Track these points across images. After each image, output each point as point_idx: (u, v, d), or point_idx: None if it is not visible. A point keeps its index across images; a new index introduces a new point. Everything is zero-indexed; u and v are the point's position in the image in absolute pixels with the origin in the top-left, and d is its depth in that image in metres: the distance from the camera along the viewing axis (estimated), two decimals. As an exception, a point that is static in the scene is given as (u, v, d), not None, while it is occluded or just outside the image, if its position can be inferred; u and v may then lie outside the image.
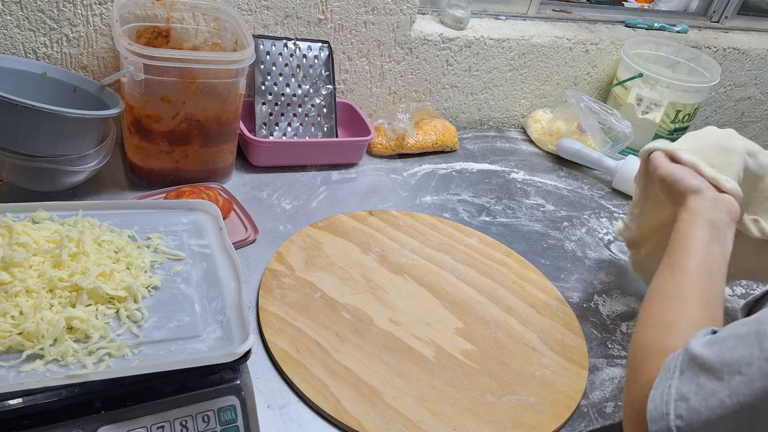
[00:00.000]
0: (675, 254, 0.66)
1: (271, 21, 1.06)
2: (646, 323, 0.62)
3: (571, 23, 1.44)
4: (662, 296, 0.63)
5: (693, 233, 0.66)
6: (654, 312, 0.62)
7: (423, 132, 1.21)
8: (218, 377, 0.58)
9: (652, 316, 0.62)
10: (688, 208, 0.69)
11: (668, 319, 0.60)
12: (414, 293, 0.87)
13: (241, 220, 0.93)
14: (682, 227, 0.68)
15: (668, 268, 0.65)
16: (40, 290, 0.57)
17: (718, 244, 0.66)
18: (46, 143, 0.79)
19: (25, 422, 0.50)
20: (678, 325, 0.58)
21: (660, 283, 0.65)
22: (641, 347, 0.60)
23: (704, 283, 0.62)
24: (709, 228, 0.66)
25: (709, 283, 0.62)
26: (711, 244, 0.65)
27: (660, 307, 0.62)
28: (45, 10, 0.90)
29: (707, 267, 0.63)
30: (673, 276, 0.64)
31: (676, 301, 0.61)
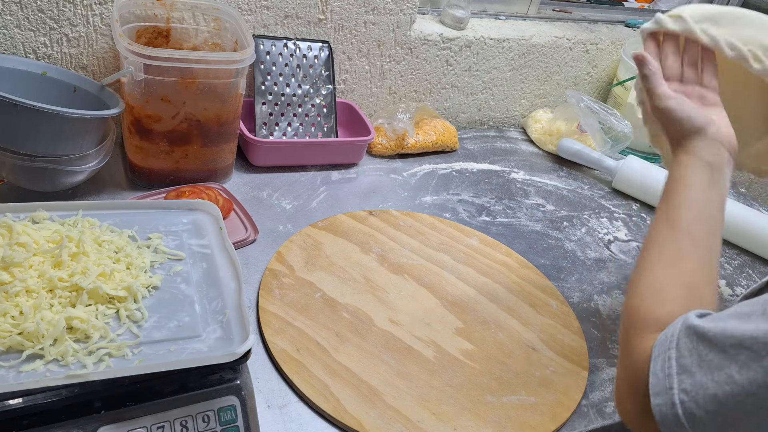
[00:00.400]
0: (671, 203, 0.63)
1: (271, 21, 1.07)
2: (640, 289, 0.58)
3: (571, 23, 1.45)
4: (658, 259, 0.60)
5: (690, 179, 0.63)
6: (648, 277, 0.59)
7: (423, 132, 1.21)
8: (218, 377, 0.57)
9: (646, 281, 0.59)
10: (687, 149, 0.65)
11: (663, 287, 0.57)
12: (414, 293, 0.87)
13: (241, 220, 0.93)
14: (679, 171, 0.64)
15: (664, 220, 0.62)
16: (40, 290, 0.57)
17: (716, 188, 0.63)
18: (46, 143, 0.79)
19: (25, 422, 0.50)
20: (673, 293, 0.56)
21: (655, 237, 0.62)
22: (635, 316, 0.57)
23: (701, 237, 0.59)
24: (708, 171, 0.63)
25: (705, 237, 0.60)
26: (709, 189, 0.62)
27: (655, 272, 0.59)
28: (45, 10, 0.90)
29: (705, 218, 0.61)
30: (669, 230, 0.61)
31: (672, 266, 0.58)
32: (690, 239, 0.60)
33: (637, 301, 0.58)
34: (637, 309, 0.57)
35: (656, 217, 0.64)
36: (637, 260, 0.62)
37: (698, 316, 0.51)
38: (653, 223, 0.64)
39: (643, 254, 0.62)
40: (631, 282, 0.61)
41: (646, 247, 0.62)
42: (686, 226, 0.60)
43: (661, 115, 0.69)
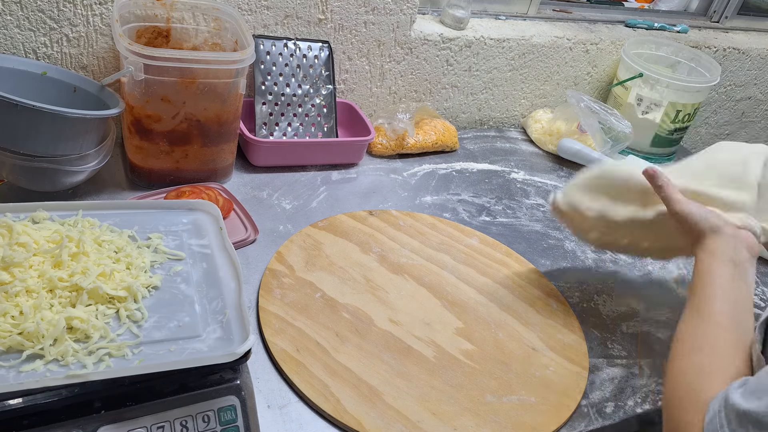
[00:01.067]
0: (699, 297, 0.65)
1: (271, 21, 1.07)
2: (677, 374, 0.61)
3: (571, 23, 1.44)
4: (691, 345, 0.62)
5: (715, 273, 0.66)
6: (685, 362, 0.61)
7: (423, 132, 1.21)
8: (218, 377, 0.58)
9: (683, 366, 0.61)
10: (707, 249, 0.69)
11: (700, 368, 0.59)
12: (414, 293, 0.87)
13: (241, 220, 0.93)
14: (703, 268, 0.67)
15: (694, 314, 0.64)
16: (40, 290, 0.57)
17: (742, 281, 0.65)
18: (46, 143, 0.79)
19: (25, 422, 0.50)
20: (711, 373, 0.58)
21: (687, 330, 0.64)
22: (676, 398, 0.59)
23: (731, 324, 0.61)
24: (731, 266, 0.66)
25: (736, 324, 0.61)
26: (734, 282, 0.65)
27: (691, 357, 0.61)
28: (45, 10, 0.90)
29: (733, 307, 0.63)
30: (700, 322, 0.63)
31: (706, 350, 0.60)
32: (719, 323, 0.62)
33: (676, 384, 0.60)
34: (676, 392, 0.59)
35: (687, 306, 0.66)
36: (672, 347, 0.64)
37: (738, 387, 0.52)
38: (685, 313, 0.66)
39: (675, 345, 0.64)
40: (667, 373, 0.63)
41: (678, 338, 0.64)
42: (714, 312, 0.63)
43: (680, 218, 0.72)
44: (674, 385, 0.60)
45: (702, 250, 0.69)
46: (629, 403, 0.79)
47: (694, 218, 0.71)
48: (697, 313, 0.64)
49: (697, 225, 0.71)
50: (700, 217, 0.71)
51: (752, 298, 0.65)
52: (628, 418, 0.77)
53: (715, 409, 0.53)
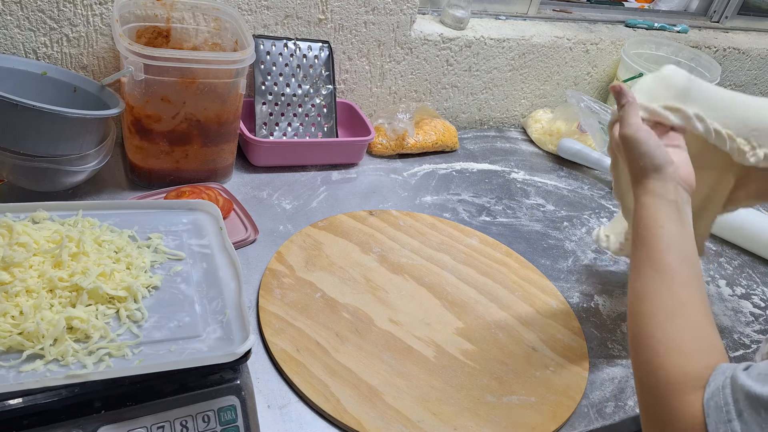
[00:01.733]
0: (650, 247, 0.62)
1: (271, 21, 1.07)
2: (657, 346, 0.56)
3: (571, 23, 1.44)
4: (658, 308, 0.58)
5: (661, 220, 0.63)
6: (659, 331, 0.57)
7: (423, 132, 1.21)
8: (218, 377, 0.58)
9: (659, 336, 0.57)
10: (649, 190, 0.65)
11: (679, 341, 0.56)
12: (414, 293, 0.87)
13: (241, 220, 0.93)
14: (647, 213, 0.64)
15: (650, 267, 0.61)
16: (40, 290, 0.57)
17: (685, 224, 0.63)
18: (46, 143, 0.79)
19: (25, 422, 0.50)
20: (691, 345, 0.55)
21: (649, 289, 0.60)
22: (664, 378, 0.54)
23: (690, 276, 0.59)
24: (675, 209, 0.63)
25: (694, 278, 0.59)
26: (681, 226, 0.63)
27: (664, 325, 0.57)
28: (45, 10, 0.90)
29: (688, 257, 0.61)
30: (660, 279, 0.60)
31: (678, 316, 0.57)
32: (679, 281, 0.59)
33: (659, 360, 0.56)
34: (663, 369, 0.55)
35: (635, 261, 0.63)
36: (632, 311, 0.61)
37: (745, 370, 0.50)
38: (634, 270, 0.63)
39: (639, 306, 0.60)
40: (635, 337, 0.59)
41: (636, 297, 0.61)
42: (675, 270, 0.60)
43: (627, 145, 0.69)
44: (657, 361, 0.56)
45: (643, 191, 0.66)
46: (629, 403, 0.79)
47: (641, 148, 0.67)
48: (653, 268, 0.61)
49: (642, 158, 0.66)
50: (647, 148, 0.66)
51: (692, 236, 0.63)
52: (628, 418, 0.77)
53: (718, 385, 0.50)
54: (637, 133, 0.68)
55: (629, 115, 0.70)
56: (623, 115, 0.70)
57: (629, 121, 0.69)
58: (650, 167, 0.66)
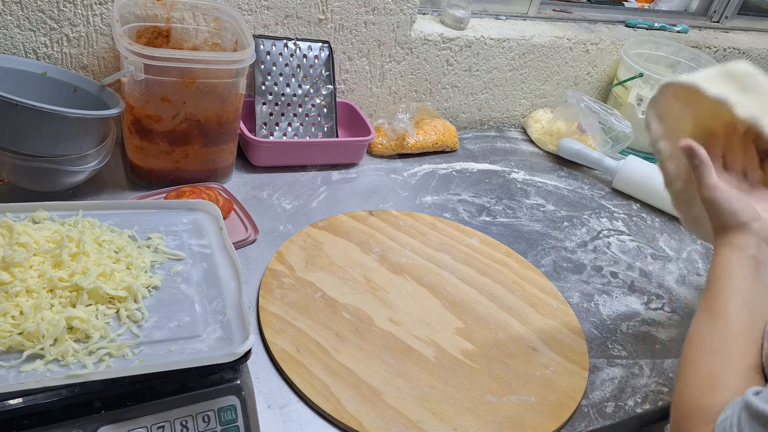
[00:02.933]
0: (714, 295, 0.62)
1: (272, 21, 1.07)
2: (689, 380, 0.58)
3: (571, 23, 1.44)
4: (703, 349, 0.60)
5: (733, 271, 0.63)
6: (696, 368, 0.59)
7: (423, 132, 1.21)
8: (218, 377, 0.58)
9: (694, 372, 0.59)
10: (728, 241, 0.65)
11: (712, 375, 0.57)
12: (414, 293, 0.87)
13: (242, 220, 0.93)
14: (721, 263, 0.64)
15: (707, 312, 0.62)
16: (40, 290, 0.57)
17: (760, 280, 0.62)
18: (46, 143, 0.79)
19: (26, 422, 0.50)
20: (723, 381, 0.56)
21: (699, 330, 0.61)
22: (686, 406, 0.57)
23: (746, 326, 0.59)
24: (752, 265, 0.63)
25: (751, 327, 0.59)
26: (754, 282, 0.62)
27: (702, 362, 0.59)
28: (45, 10, 0.90)
29: (749, 308, 0.60)
30: (713, 322, 0.60)
31: (718, 354, 0.58)
32: (734, 325, 0.59)
33: (687, 391, 0.58)
34: (687, 400, 0.57)
35: (700, 309, 0.64)
36: (682, 353, 0.62)
37: (755, 394, 0.50)
38: (696, 316, 0.63)
39: (687, 347, 0.62)
40: (679, 375, 0.61)
41: (690, 340, 0.62)
42: (729, 314, 0.60)
43: (708, 205, 0.68)
44: (687, 393, 0.58)
45: (723, 242, 0.65)
46: (629, 403, 0.79)
47: (722, 208, 0.66)
48: (710, 314, 0.62)
49: (725, 216, 0.66)
50: (729, 208, 0.66)
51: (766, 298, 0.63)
52: (628, 418, 0.77)
53: (728, 412, 0.51)
54: (715, 193, 0.67)
55: (704, 175, 0.68)
56: (698, 177, 0.68)
57: (705, 182, 0.68)
58: (733, 223, 0.66)
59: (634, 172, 1.22)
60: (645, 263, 1.06)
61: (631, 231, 1.14)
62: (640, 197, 1.23)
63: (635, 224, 1.16)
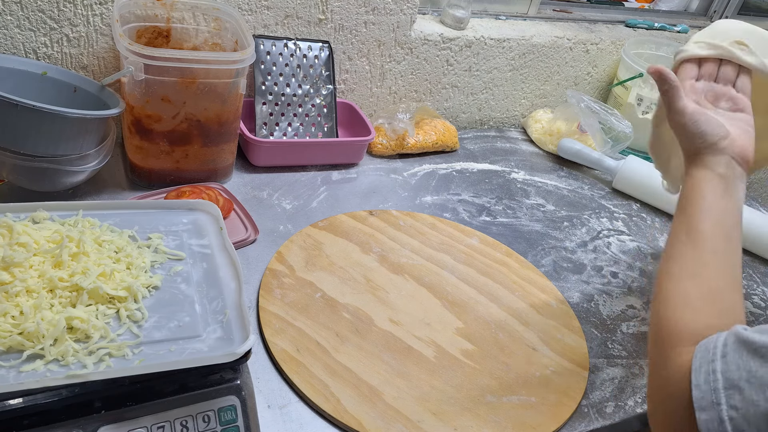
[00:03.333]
0: (687, 214, 0.63)
1: (272, 21, 1.07)
2: (669, 300, 0.58)
3: (571, 23, 1.45)
4: (682, 269, 0.60)
5: (704, 191, 0.64)
6: (676, 288, 0.59)
7: (423, 132, 1.21)
8: (218, 377, 0.58)
9: (674, 292, 0.59)
10: (699, 164, 0.66)
11: (690, 298, 0.57)
12: (414, 293, 0.87)
13: (242, 220, 0.93)
14: (692, 184, 0.65)
15: (682, 231, 0.63)
16: (40, 290, 0.57)
17: (730, 198, 0.63)
18: (46, 143, 0.79)
19: (26, 422, 0.50)
20: (701, 303, 0.56)
21: (675, 249, 0.62)
22: (666, 329, 0.56)
23: (722, 245, 0.60)
24: (722, 182, 0.64)
25: (724, 245, 0.60)
26: (723, 199, 0.63)
27: (681, 283, 0.59)
28: (45, 10, 0.90)
29: (722, 226, 0.61)
30: (688, 241, 0.61)
31: (698, 277, 0.58)
32: (709, 248, 0.60)
33: (668, 313, 0.58)
34: (668, 321, 0.57)
35: (673, 229, 0.65)
36: (659, 272, 0.63)
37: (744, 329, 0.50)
38: (671, 236, 0.64)
39: (664, 266, 0.62)
40: (656, 294, 0.61)
41: (667, 258, 0.63)
42: (704, 234, 0.61)
43: (677, 129, 0.69)
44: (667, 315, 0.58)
45: (694, 164, 0.67)
46: (629, 403, 0.79)
47: (690, 130, 0.67)
48: (686, 233, 0.62)
49: (693, 139, 0.67)
50: (697, 130, 0.67)
51: (740, 213, 0.64)
52: (628, 418, 0.77)
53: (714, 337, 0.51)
54: (684, 118, 0.68)
55: (673, 100, 0.69)
56: (668, 102, 0.69)
57: (674, 106, 0.68)
58: (703, 145, 0.66)
59: (634, 172, 1.22)
60: (645, 263, 1.06)
61: (631, 231, 1.14)
62: (640, 197, 1.23)
63: (635, 224, 1.16)
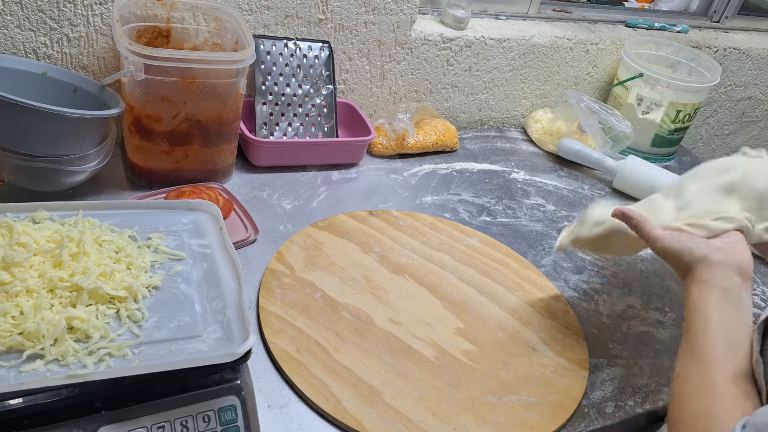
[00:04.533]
0: (693, 335, 0.63)
1: (272, 21, 1.07)
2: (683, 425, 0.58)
3: (571, 23, 1.44)
4: (691, 391, 0.59)
5: (705, 306, 0.63)
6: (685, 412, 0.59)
7: (423, 132, 1.21)
8: (218, 377, 0.58)
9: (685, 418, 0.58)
10: (695, 279, 0.66)
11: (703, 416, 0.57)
12: (414, 293, 0.87)
13: (242, 220, 0.93)
14: (693, 299, 0.65)
15: (689, 354, 0.62)
16: (40, 290, 0.57)
17: (734, 308, 0.63)
18: (46, 143, 0.79)
19: (26, 422, 0.50)
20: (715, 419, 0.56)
21: (685, 373, 0.61)
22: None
23: (727, 357, 0.59)
24: (720, 294, 0.63)
25: (733, 356, 0.59)
26: (724, 309, 0.62)
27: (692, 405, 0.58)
28: (45, 10, 0.90)
29: (727, 339, 0.61)
30: (696, 363, 0.61)
31: (707, 395, 0.58)
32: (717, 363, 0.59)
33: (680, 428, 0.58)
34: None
35: (682, 345, 0.64)
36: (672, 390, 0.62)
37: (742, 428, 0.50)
38: (681, 353, 0.64)
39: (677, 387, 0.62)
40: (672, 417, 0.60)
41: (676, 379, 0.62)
42: (711, 351, 0.60)
43: (663, 255, 0.70)
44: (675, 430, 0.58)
45: (691, 281, 0.67)
46: (629, 403, 0.79)
47: (676, 253, 0.68)
48: (692, 355, 0.62)
49: (682, 259, 0.68)
50: (683, 251, 0.68)
51: (748, 322, 0.63)
52: (628, 418, 0.77)
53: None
54: (664, 243, 0.69)
55: (645, 231, 0.71)
56: (643, 235, 0.71)
57: (650, 235, 0.70)
58: (693, 260, 0.67)
59: (634, 172, 1.22)
60: (645, 263, 1.06)
61: (631, 231, 1.14)
62: (640, 197, 1.22)
63: (635, 224, 1.16)
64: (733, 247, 0.67)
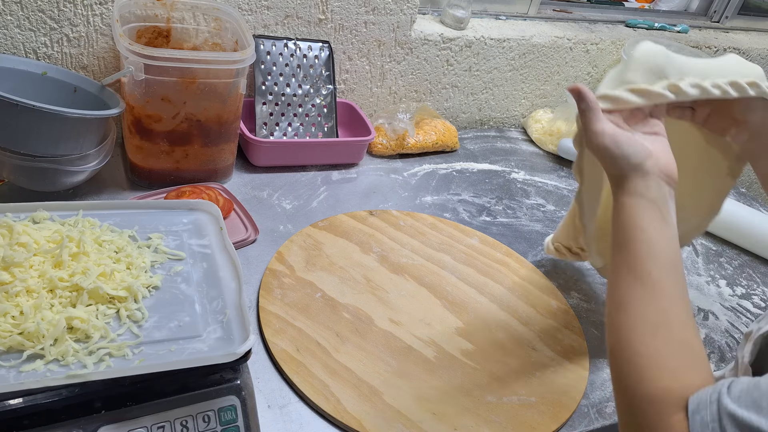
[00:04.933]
0: (631, 254, 0.58)
1: (272, 21, 1.07)
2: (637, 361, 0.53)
3: (571, 23, 1.45)
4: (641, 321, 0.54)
5: (642, 222, 0.58)
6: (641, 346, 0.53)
7: (423, 132, 1.21)
8: (219, 377, 0.58)
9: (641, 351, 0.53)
10: (628, 191, 0.60)
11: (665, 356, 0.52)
12: (414, 293, 0.87)
13: (242, 220, 0.93)
14: (628, 215, 0.59)
15: (630, 274, 0.57)
16: (40, 290, 0.57)
17: (668, 224, 0.58)
18: (46, 143, 0.79)
19: (26, 422, 0.50)
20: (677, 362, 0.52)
21: (627, 297, 0.56)
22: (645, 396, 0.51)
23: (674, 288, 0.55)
24: (656, 209, 0.58)
25: (677, 286, 0.56)
26: (663, 229, 0.58)
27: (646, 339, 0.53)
28: (45, 10, 0.90)
29: (671, 264, 0.56)
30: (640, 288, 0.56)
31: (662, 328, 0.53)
32: (666, 295, 0.55)
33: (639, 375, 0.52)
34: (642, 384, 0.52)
35: (616, 270, 0.59)
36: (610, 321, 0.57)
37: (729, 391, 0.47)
38: (615, 278, 0.58)
39: (618, 317, 0.56)
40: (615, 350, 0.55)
41: (619, 307, 0.57)
42: (657, 279, 0.56)
43: (597, 152, 0.63)
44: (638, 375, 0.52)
45: (622, 191, 0.61)
46: (629, 403, 0.79)
47: (612, 153, 0.61)
48: (635, 278, 0.56)
49: (617, 162, 0.61)
50: (619, 152, 0.61)
51: (677, 237, 0.58)
52: (628, 418, 0.77)
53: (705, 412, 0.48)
54: (603, 140, 0.62)
55: (591, 122, 0.63)
56: (585, 124, 0.64)
57: (592, 128, 0.63)
58: (627, 167, 0.61)
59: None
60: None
61: (631, 231, 1.14)
62: (640, 197, 1.23)
63: (635, 224, 1.16)
64: (661, 148, 0.63)
